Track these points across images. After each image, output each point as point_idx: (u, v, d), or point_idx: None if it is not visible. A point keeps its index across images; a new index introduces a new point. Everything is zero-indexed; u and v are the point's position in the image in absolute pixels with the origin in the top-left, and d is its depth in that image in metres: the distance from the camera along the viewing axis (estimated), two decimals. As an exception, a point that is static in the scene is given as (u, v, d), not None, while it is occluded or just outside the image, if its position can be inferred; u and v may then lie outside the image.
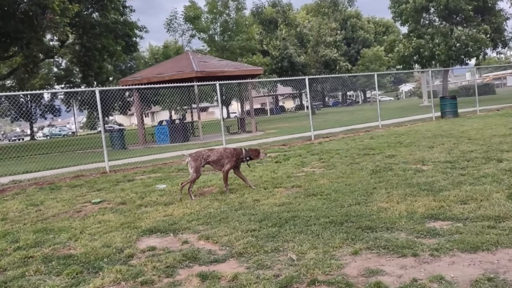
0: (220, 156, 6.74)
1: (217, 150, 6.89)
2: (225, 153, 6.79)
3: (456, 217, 4.40)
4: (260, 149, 7.58)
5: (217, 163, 6.76)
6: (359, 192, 5.80)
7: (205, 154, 6.78)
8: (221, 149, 7.00)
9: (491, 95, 46.38)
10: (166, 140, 20.49)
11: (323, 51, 41.31)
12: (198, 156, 6.73)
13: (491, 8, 29.64)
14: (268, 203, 5.70)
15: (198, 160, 6.66)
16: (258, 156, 7.03)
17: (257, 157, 7.04)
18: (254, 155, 6.94)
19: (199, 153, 6.84)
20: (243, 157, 6.83)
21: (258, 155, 7.00)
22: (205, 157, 6.73)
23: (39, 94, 47.04)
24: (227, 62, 22.66)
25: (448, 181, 5.96)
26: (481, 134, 11.04)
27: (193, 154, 6.77)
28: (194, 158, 6.68)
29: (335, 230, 4.27)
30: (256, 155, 6.98)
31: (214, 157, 6.72)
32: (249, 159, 6.89)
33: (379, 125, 17.32)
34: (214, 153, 6.78)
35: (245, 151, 6.89)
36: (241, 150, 6.94)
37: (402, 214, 4.65)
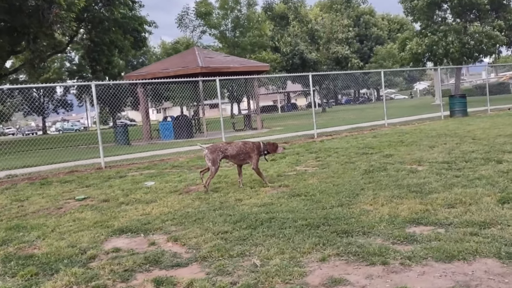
0: (239, 151, 6.61)
1: (236, 144, 6.75)
2: (245, 147, 6.64)
3: (439, 222, 4.13)
4: (278, 143, 7.43)
5: (235, 157, 6.64)
6: (345, 193, 5.55)
7: (223, 147, 6.67)
8: (240, 143, 6.82)
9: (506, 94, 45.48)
10: (171, 136, 20.39)
11: (335, 48, 40.84)
12: (215, 148, 6.61)
13: (506, 5, 28.85)
14: (250, 203, 5.49)
15: (215, 152, 6.53)
16: (276, 151, 6.93)
17: (275, 151, 6.95)
18: (271, 149, 6.85)
19: (216, 145, 6.74)
20: (261, 151, 6.73)
21: (275, 149, 6.91)
22: (222, 149, 6.60)
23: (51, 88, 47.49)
24: (233, 58, 22.45)
25: (440, 183, 5.66)
26: (486, 134, 10.65)
27: (210, 147, 6.66)
28: (211, 150, 6.55)
29: (308, 234, 4.04)
30: (274, 149, 6.88)
31: (233, 151, 6.60)
32: (266, 153, 6.81)
33: (385, 124, 16.96)
34: (233, 147, 6.65)
35: (263, 145, 6.79)
36: (259, 143, 6.84)
37: (384, 217, 4.39)
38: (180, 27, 45.97)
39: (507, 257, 3.19)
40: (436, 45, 28.43)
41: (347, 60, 40.55)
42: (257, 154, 6.66)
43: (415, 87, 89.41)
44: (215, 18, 47.96)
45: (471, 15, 29.44)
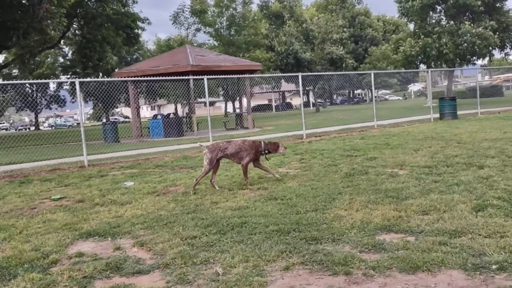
0: (238, 149, 6.59)
1: (235, 143, 6.74)
2: (244, 145, 6.63)
3: (410, 230, 4.06)
4: (280, 142, 7.39)
5: (235, 156, 6.63)
6: (321, 197, 5.47)
7: (223, 146, 6.64)
8: (240, 141, 6.83)
9: (499, 97, 45.65)
10: (161, 134, 20.26)
11: (329, 48, 40.77)
12: (215, 148, 6.61)
13: (500, 8, 28.91)
14: (225, 207, 5.40)
15: (215, 151, 6.53)
16: (277, 150, 6.87)
17: (276, 151, 6.88)
18: (272, 149, 6.79)
19: (216, 144, 6.74)
20: (262, 150, 6.70)
21: (277, 149, 6.84)
22: (222, 149, 6.59)
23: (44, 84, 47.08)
24: (225, 57, 22.33)
25: (418, 188, 5.60)
26: (473, 138, 10.62)
27: (210, 146, 6.68)
28: (210, 149, 6.56)
29: (277, 241, 3.95)
30: (275, 149, 6.82)
31: (232, 150, 6.59)
32: (267, 152, 6.76)
33: (374, 125, 16.92)
34: (232, 146, 6.64)
35: (264, 144, 6.75)
36: (260, 143, 6.81)
37: (356, 224, 4.32)
38: (175, 24, 45.79)
39: (472, 268, 3.12)
40: (429, 47, 28.43)
41: (341, 61, 40.48)
42: (254, 154, 6.62)
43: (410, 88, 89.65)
44: (210, 16, 47.80)
45: (465, 17, 29.47)
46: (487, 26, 26.99)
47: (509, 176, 5.92)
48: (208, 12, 46.03)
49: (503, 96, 46.09)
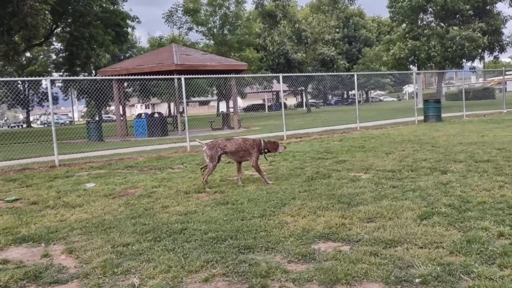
0: (238, 147, 6.55)
1: (235, 141, 6.67)
2: (245, 144, 6.58)
3: (348, 238, 3.93)
4: (279, 141, 7.25)
5: (235, 154, 6.59)
6: (273, 202, 5.34)
7: (222, 143, 6.60)
8: (240, 140, 6.74)
9: (491, 99, 45.65)
10: (145, 133, 20.10)
11: (321, 48, 40.67)
12: (214, 145, 6.56)
13: (489, 11, 28.86)
14: (173, 211, 5.26)
15: (214, 148, 6.50)
16: (277, 149, 6.78)
17: (275, 150, 6.79)
18: (272, 148, 6.72)
19: (216, 142, 6.67)
20: (262, 149, 6.65)
21: (276, 148, 6.76)
22: (221, 146, 6.56)
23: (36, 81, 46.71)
24: (211, 56, 22.16)
25: (373, 194, 5.48)
26: (449, 141, 10.53)
27: (209, 143, 6.61)
28: (210, 146, 6.51)
29: (209, 249, 3.81)
30: (275, 148, 6.74)
31: (232, 148, 6.54)
32: (267, 151, 6.69)
33: (357, 127, 16.81)
34: (232, 144, 6.58)
35: (263, 143, 6.68)
36: (260, 141, 6.75)
37: (296, 231, 4.19)
38: (168, 23, 45.53)
39: (394, 282, 2.99)
40: (418, 50, 28.37)
41: (332, 62, 40.37)
42: (257, 152, 6.58)
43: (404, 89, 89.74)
44: (203, 15, 47.58)
45: (455, 20, 29.41)
46: (476, 28, 26.93)
47: (468, 182, 5.81)
48: (200, 11, 45.83)
49: (494, 98, 46.09)
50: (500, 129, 12.85)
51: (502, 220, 4.10)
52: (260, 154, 6.70)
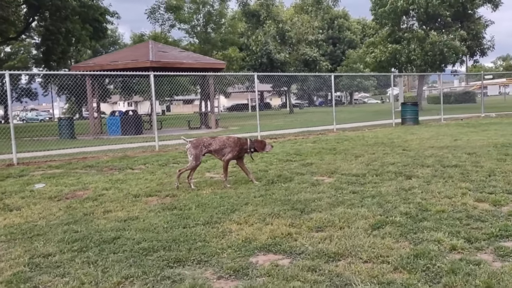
0: (222, 145, 6.36)
1: (220, 139, 6.49)
2: (228, 142, 6.39)
3: (291, 250, 3.60)
4: (266, 141, 7.02)
5: (219, 152, 6.40)
6: (224, 208, 4.99)
7: (207, 141, 6.42)
8: (224, 137, 6.55)
9: (472, 103, 46.07)
10: (118, 131, 19.56)
11: (304, 49, 40.48)
12: (199, 143, 6.38)
13: (470, 15, 28.98)
14: (113, 217, 4.86)
15: (199, 147, 6.33)
16: (264, 149, 6.55)
17: (263, 150, 6.56)
18: (259, 147, 6.49)
19: (200, 140, 6.48)
20: (247, 148, 6.43)
21: (263, 148, 6.53)
22: (206, 144, 6.39)
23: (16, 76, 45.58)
24: (189, 54, 21.72)
25: (330, 200, 5.17)
26: (421, 145, 10.33)
27: (193, 141, 6.44)
28: (194, 145, 6.34)
29: (133, 262, 3.44)
30: (262, 147, 6.52)
31: (216, 146, 6.36)
32: (253, 150, 6.47)
33: (334, 129, 16.58)
34: (217, 142, 6.41)
35: (250, 142, 6.47)
36: (245, 140, 6.52)
37: (238, 241, 3.84)
38: (150, 19, 44.79)
39: (327, 303, 2.67)
40: (398, 53, 28.35)
41: (315, 63, 40.21)
42: (237, 151, 6.38)
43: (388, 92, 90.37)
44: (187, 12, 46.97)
45: (436, 24, 29.46)
46: (456, 35, 26.99)
47: (431, 189, 5.55)
48: (183, 8, 45.19)
49: (475, 102, 46.55)
50: (474, 133, 12.72)
51: (457, 231, 3.82)
52: (246, 153, 6.52)
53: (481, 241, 3.60)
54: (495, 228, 3.86)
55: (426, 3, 26.34)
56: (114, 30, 61.99)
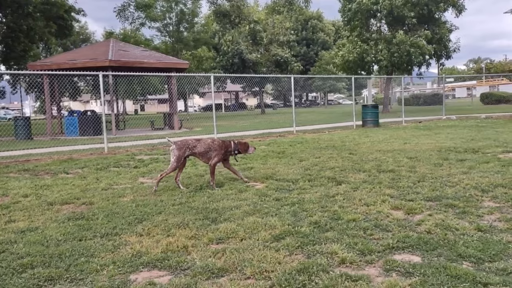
0: (207, 148, 6.37)
1: (205, 141, 6.46)
2: (213, 145, 6.41)
3: (178, 266, 3.41)
4: (249, 142, 7.08)
5: (203, 155, 6.39)
6: (132, 218, 4.76)
7: (191, 144, 6.37)
8: (209, 140, 6.54)
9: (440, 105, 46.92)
10: (76, 132, 19.04)
11: (275, 50, 40.46)
12: (183, 145, 6.32)
13: (436, 19, 29.44)
14: (12, 228, 4.56)
15: (183, 149, 6.27)
16: (247, 151, 6.65)
17: (246, 152, 6.65)
18: (242, 149, 6.57)
19: (185, 142, 6.42)
20: (232, 150, 6.50)
21: (247, 149, 6.62)
22: (190, 147, 6.34)
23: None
24: (151, 53, 21.33)
25: (248, 208, 5.01)
26: (369, 148, 10.31)
27: (178, 142, 6.39)
28: (178, 146, 6.27)
29: (2, 281, 3.19)
30: (245, 149, 6.60)
31: (201, 149, 6.35)
32: (237, 152, 6.55)
33: (293, 131, 16.51)
34: (201, 144, 6.38)
35: (233, 144, 6.53)
36: (229, 142, 6.58)
37: (126, 256, 3.62)
38: (119, 17, 44.08)
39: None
40: (366, 54, 28.57)
41: (287, 63, 40.25)
42: (223, 154, 6.42)
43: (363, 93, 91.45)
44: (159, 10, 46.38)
45: (403, 26, 29.80)
46: (421, 35, 27.36)
47: (353, 196, 5.46)
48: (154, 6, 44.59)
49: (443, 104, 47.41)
50: (427, 136, 12.82)
51: (355, 243, 3.70)
52: (230, 156, 6.56)
53: (374, 254, 3.49)
54: (395, 239, 3.76)
55: (390, 4, 26.60)
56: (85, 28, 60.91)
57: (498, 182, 5.88)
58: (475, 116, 22.09)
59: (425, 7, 27.29)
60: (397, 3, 26.39)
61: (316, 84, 58.50)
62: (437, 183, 6.02)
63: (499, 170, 6.73)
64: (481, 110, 29.30)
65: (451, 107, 37.05)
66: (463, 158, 8.03)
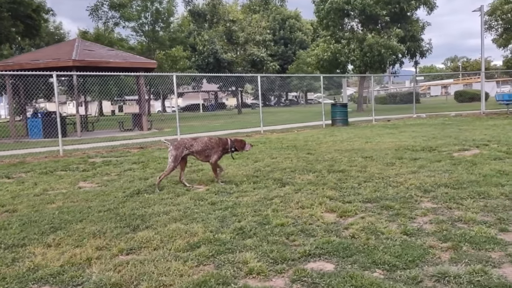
0: (204, 146, 6.35)
1: (201, 140, 6.44)
2: (210, 143, 6.40)
3: (71, 282, 3.11)
4: (246, 140, 6.99)
5: (201, 153, 6.37)
6: (49, 226, 4.44)
7: (188, 143, 6.35)
8: (206, 138, 6.50)
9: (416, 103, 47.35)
10: (40, 134, 18.45)
11: (251, 49, 40.22)
12: (180, 144, 6.30)
13: (408, 17, 29.57)
14: None
15: (180, 149, 6.23)
16: (244, 148, 6.61)
17: (242, 149, 6.61)
18: (239, 147, 6.56)
19: (182, 141, 6.42)
20: (228, 148, 6.49)
21: (243, 147, 6.59)
22: (188, 146, 6.31)
23: None
24: (117, 53, 20.84)
25: (178, 213, 4.74)
26: (329, 148, 10.15)
27: (175, 143, 6.38)
28: (175, 146, 6.24)
29: None
30: (242, 147, 6.58)
31: (198, 147, 6.34)
32: (234, 150, 6.53)
33: (261, 131, 16.29)
34: (198, 143, 6.36)
35: (230, 142, 6.53)
36: (226, 140, 6.56)
37: (20, 271, 3.32)
38: (92, 17, 43.27)
39: None
40: (339, 53, 28.55)
41: (262, 63, 40.05)
42: (221, 151, 6.43)
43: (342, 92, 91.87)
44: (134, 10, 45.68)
45: (377, 27, 29.87)
46: (393, 35, 27.46)
47: (294, 198, 5.25)
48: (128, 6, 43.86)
49: (419, 102, 47.96)
50: (391, 134, 12.74)
51: (271, 250, 3.47)
52: (226, 153, 6.55)
53: (288, 262, 3.26)
54: (314, 245, 3.54)
55: (362, 3, 26.62)
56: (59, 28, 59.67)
57: (443, 181, 5.75)
58: (445, 114, 22.21)
59: (397, 5, 27.38)
60: (369, 1, 26.41)
61: (294, 83, 58.48)
62: (381, 183, 5.85)
63: (448, 169, 6.61)
64: (453, 108, 29.55)
65: (426, 105, 37.41)
66: (417, 157, 7.91)
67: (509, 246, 3.39)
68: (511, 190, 5.06)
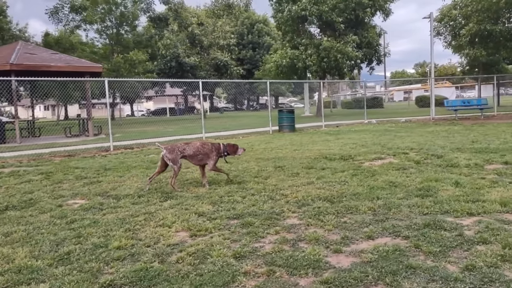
0: (197, 151, 6.48)
1: (194, 145, 6.57)
2: (203, 148, 6.53)
3: None
4: (238, 144, 7.04)
5: (193, 157, 6.51)
6: None
7: (181, 147, 6.50)
8: (198, 143, 6.64)
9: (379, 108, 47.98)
10: (-25, 141, 17.62)
11: (215, 53, 39.90)
12: (173, 148, 6.47)
13: (364, 23, 29.82)
14: None
15: (174, 152, 6.41)
16: (236, 152, 6.76)
17: (235, 153, 6.76)
18: (231, 151, 6.70)
19: (174, 145, 6.55)
20: (221, 152, 6.63)
21: (236, 151, 6.74)
22: (181, 149, 6.46)
23: None
24: (61, 57, 20.17)
25: (14, 236, 4.35)
26: (252, 156, 9.90)
27: (168, 147, 6.52)
28: (169, 150, 6.42)
29: None
30: (234, 151, 6.73)
31: (191, 152, 6.48)
32: (226, 154, 6.68)
33: (202, 137, 15.97)
34: (191, 147, 6.50)
35: (223, 146, 6.66)
36: (219, 145, 6.68)
37: None
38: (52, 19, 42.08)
39: None
40: (296, 59, 28.53)
41: (226, 67, 39.77)
42: (216, 156, 6.56)
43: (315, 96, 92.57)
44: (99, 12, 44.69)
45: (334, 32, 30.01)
46: (348, 41, 27.62)
47: (161, 215, 4.92)
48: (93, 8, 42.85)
49: (382, 107, 48.63)
50: (325, 142, 12.59)
51: (69, 281, 3.13)
52: (220, 157, 6.66)
53: (78, 296, 2.93)
54: (122, 274, 3.23)
55: (318, 10, 26.69)
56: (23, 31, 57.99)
57: (327, 194, 5.54)
58: (397, 120, 22.37)
59: (352, 12, 27.56)
60: (325, 8, 26.49)
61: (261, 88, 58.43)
62: (264, 197, 5.61)
63: (343, 180, 6.43)
64: (410, 113, 29.89)
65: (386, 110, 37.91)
66: (326, 167, 7.72)
67: (326, 272, 3.15)
68: (382, 205, 4.89)
